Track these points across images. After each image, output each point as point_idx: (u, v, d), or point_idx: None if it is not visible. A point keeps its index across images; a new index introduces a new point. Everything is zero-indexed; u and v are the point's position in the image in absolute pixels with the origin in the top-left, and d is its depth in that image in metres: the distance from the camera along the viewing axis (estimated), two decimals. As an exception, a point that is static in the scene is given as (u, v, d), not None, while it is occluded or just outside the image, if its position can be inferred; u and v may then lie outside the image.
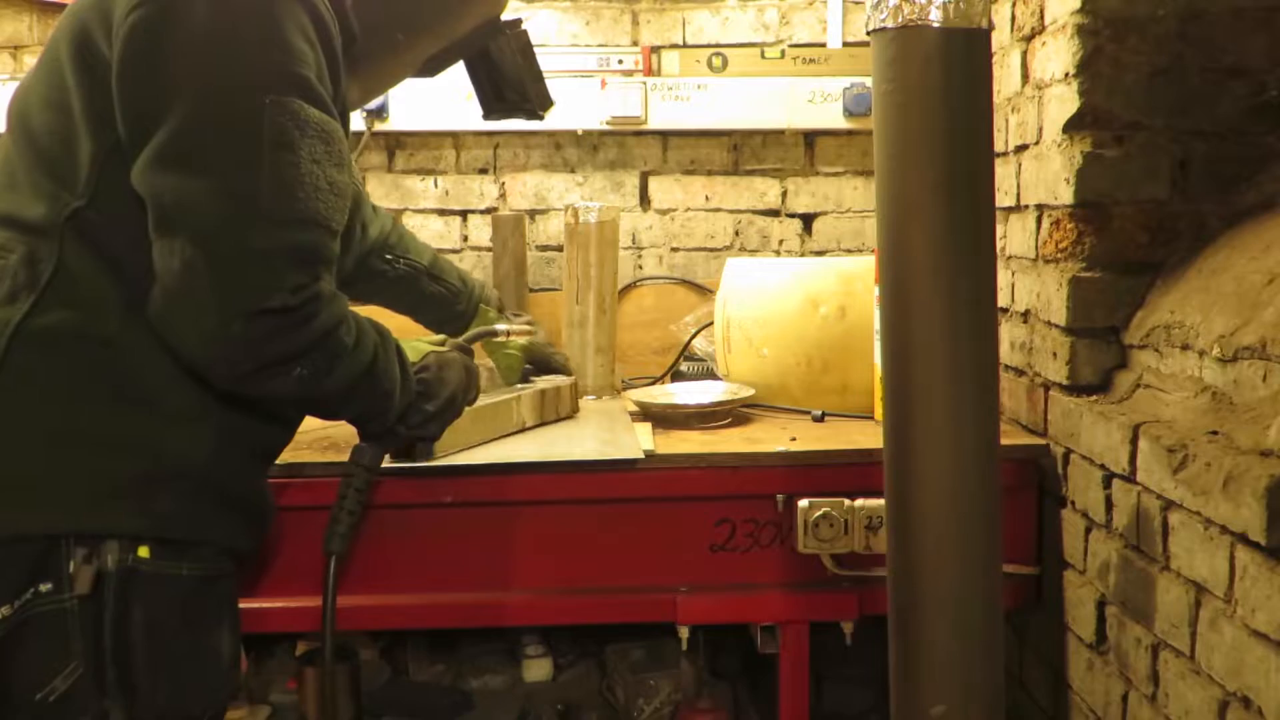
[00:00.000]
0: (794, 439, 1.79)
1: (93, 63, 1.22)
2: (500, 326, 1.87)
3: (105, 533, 1.22)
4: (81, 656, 1.21)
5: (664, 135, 2.54)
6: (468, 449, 1.70)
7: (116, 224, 1.24)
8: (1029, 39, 1.81)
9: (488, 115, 1.68)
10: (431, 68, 1.55)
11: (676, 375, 2.30)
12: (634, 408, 2.00)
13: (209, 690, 1.33)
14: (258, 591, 1.67)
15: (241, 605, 1.42)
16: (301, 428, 1.86)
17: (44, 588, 1.20)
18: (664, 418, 1.94)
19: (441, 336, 1.68)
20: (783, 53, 2.50)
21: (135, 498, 1.24)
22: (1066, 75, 1.64)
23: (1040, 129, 1.76)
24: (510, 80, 1.61)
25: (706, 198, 2.57)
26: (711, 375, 2.21)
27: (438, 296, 1.92)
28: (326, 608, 1.47)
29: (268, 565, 1.66)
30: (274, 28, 1.22)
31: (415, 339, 1.63)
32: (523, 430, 1.85)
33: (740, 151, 2.56)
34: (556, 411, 1.94)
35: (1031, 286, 1.81)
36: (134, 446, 1.24)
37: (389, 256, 1.89)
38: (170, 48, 1.19)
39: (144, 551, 1.23)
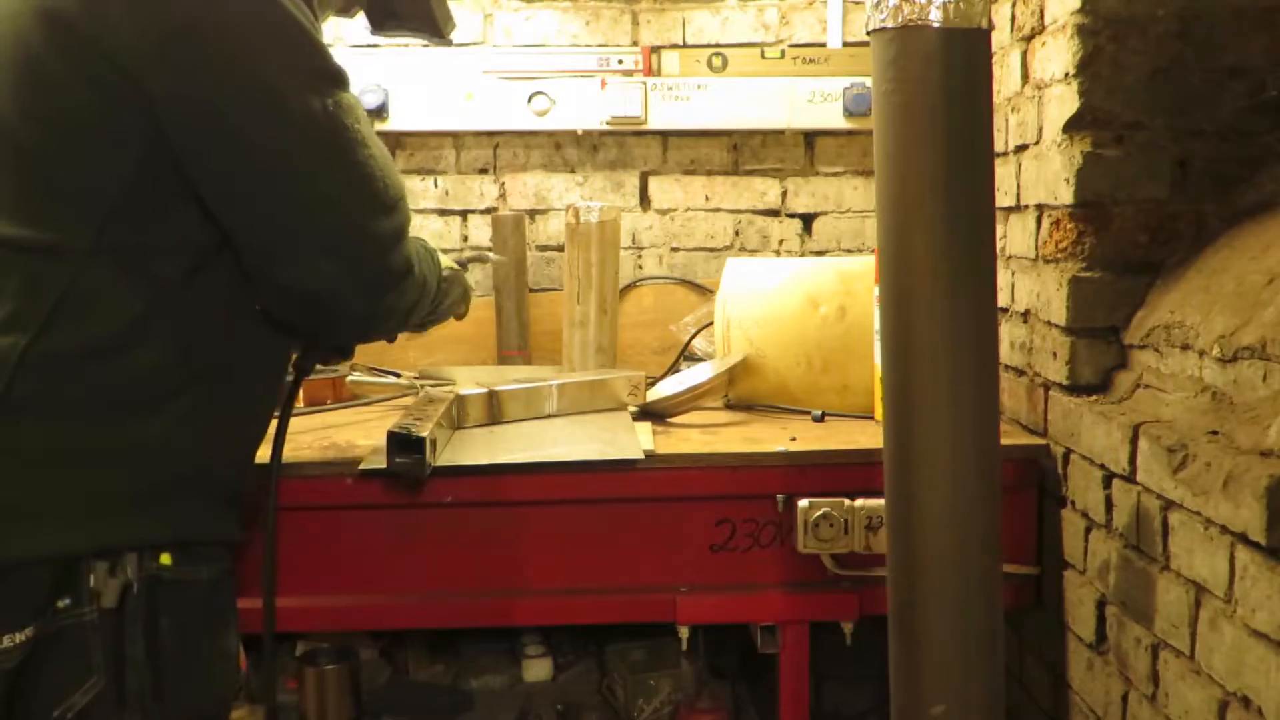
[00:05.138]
0: (794, 439, 1.79)
1: (107, 78, 1.16)
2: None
3: (126, 545, 1.20)
4: (103, 670, 1.19)
5: (664, 135, 2.54)
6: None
7: (148, 239, 1.21)
8: (1029, 39, 1.82)
9: (377, 30, 1.70)
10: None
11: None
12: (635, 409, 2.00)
13: (226, 688, 1.34)
14: (258, 591, 1.66)
15: (242, 605, 1.41)
16: (302, 428, 1.87)
17: (61, 604, 1.18)
18: (661, 412, 1.95)
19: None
20: (783, 53, 2.50)
21: (153, 505, 1.22)
22: (1066, 75, 1.64)
23: (1040, 129, 1.76)
24: None
25: (706, 198, 2.57)
26: (711, 375, 2.21)
27: None
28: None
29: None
30: (291, 26, 1.21)
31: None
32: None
33: (740, 151, 2.56)
34: None
35: (1031, 286, 1.81)
36: (143, 453, 1.22)
37: None
38: (208, 74, 1.17)
39: (165, 559, 1.23)
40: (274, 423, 1.48)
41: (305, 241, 1.27)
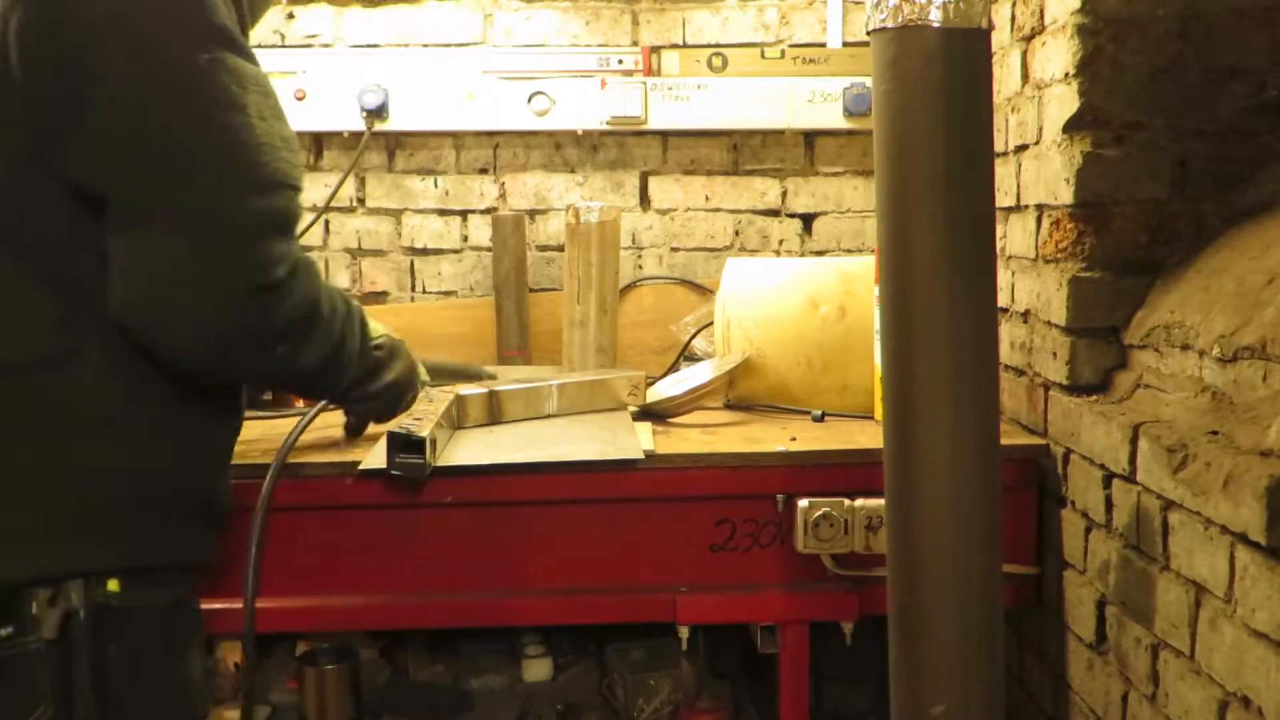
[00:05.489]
0: (794, 439, 1.79)
1: None
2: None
3: (69, 572, 1.15)
4: (50, 700, 1.14)
5: (664, 135, 2.54)
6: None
7: (46, 234, 1.13)
8: (1029, 39, 1.81)
9: None
10: None
11: (677, 375, 2.29)
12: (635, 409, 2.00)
13: (186, 712, 1.28)
14: (256, 592, 1.66)
15: (239, 606, 1.41)
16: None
17: (4, 633, 1.13)
18: (662, 413, 1.95)
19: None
20: (783, 53, 2.50)
21: (102, 530, 1.17)
22: (1066, 75, 1.64)
23: (1040, 129, 1.76)
24: None
25: (706, 198, 2.57)
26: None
27: None
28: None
29: (265, 566, 1.66)
30: None
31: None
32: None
33: (740, 151, 2.56)
34: None
35: (1031, 286, 1.81)
36: (93, 475, 1.16)
37: None
38: (79, 27, 1.09)
39: (113, 585, 1.17)
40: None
41: (154, 207, 1.12)
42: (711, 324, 2.23)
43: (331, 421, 1.97)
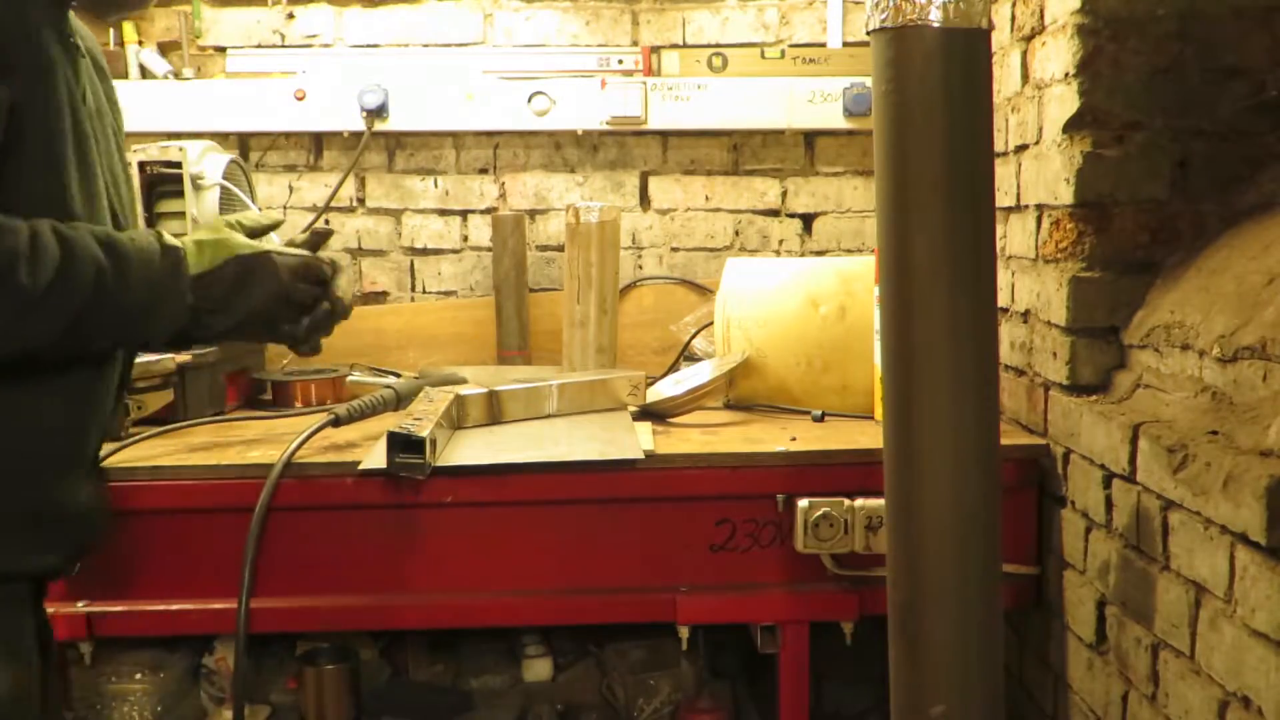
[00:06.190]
0: (794, 439, 1.79)
1: None
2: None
3: None
4: None
5: (664, 135, 2.54)
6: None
7: None
8: (1029, 39, 1.82)
9: None
10: None
11: (677, 375, 2.29)
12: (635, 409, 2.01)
13: None
14: (251, 592, 1.66)
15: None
16: (302, 428, 1.85)
17: None
18: (662, 413, 1.95)
19: (269, 221, 1.37)
20: (783, 53, 2.50)
21: None
22: (1066, 75, 1.64)
23: (1040, 129, 1.76)
24: None
25: (706, 198, 2.57)
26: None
27: None
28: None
29: (264, 565, 1.66)
30: None
31: (232, 230, 1.32)
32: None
33: (740, 151, 2.56)
34: None
35: (1031, 286, 1.81)
36: None
37: None
38: None
39: None
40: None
41: None
42: (711, 324, 2.24)
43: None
